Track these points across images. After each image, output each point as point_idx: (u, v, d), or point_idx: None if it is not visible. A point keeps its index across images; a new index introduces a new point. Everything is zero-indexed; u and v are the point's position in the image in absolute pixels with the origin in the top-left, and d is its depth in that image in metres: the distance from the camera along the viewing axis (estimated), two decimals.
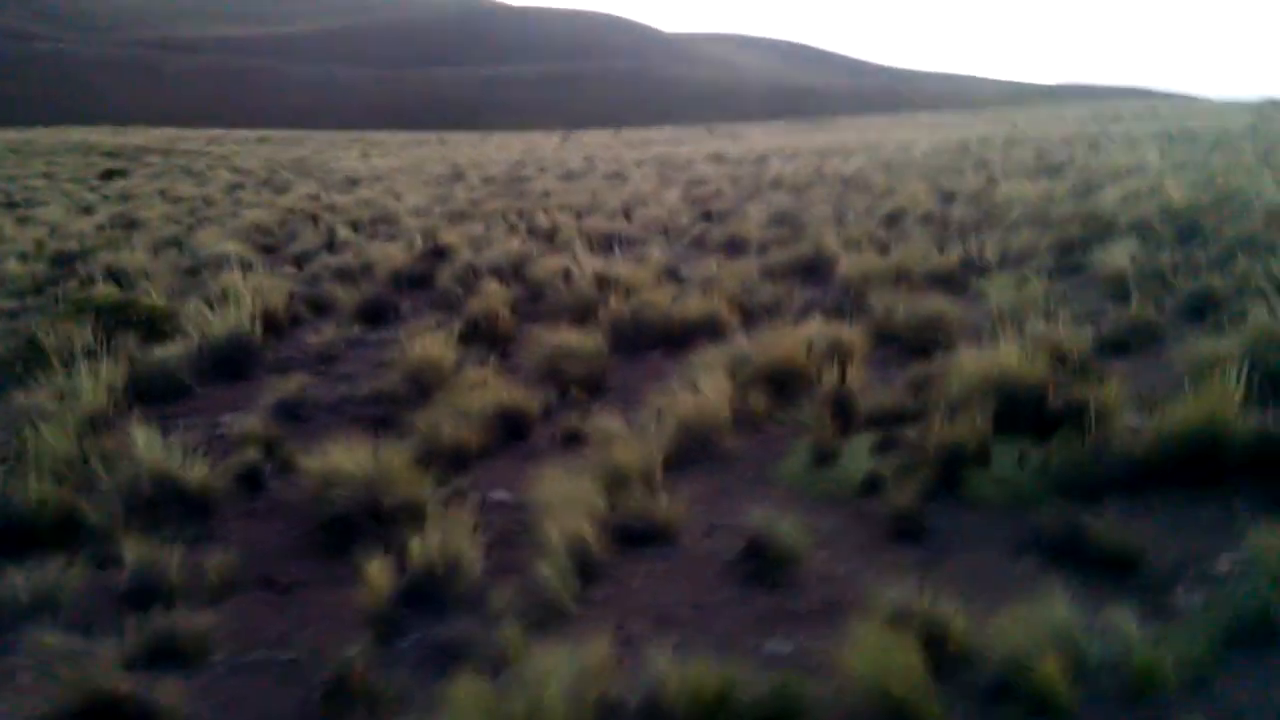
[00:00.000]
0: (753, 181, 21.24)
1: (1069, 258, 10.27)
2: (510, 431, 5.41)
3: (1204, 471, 4.55)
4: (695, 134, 63.66)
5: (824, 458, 4.91)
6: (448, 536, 3.57)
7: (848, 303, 8.25)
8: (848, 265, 9.09)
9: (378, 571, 3.39)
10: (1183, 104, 73.05)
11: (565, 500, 4.02)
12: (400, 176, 29.44)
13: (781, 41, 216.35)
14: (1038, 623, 3.13)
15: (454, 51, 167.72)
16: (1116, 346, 6.82)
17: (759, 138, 51.33)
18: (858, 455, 4.93)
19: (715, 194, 18.59)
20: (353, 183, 26.46)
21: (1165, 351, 6.60)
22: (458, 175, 28.32)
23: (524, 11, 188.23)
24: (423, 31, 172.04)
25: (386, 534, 3.85)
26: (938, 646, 3.12)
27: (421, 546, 3.53)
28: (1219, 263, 9.17)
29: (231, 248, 12.26)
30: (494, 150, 47.97)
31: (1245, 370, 5.62)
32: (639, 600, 3.62)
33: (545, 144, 55.10)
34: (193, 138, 63.66)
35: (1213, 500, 4.41)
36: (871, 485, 4.63)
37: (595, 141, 57.30)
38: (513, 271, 9.97)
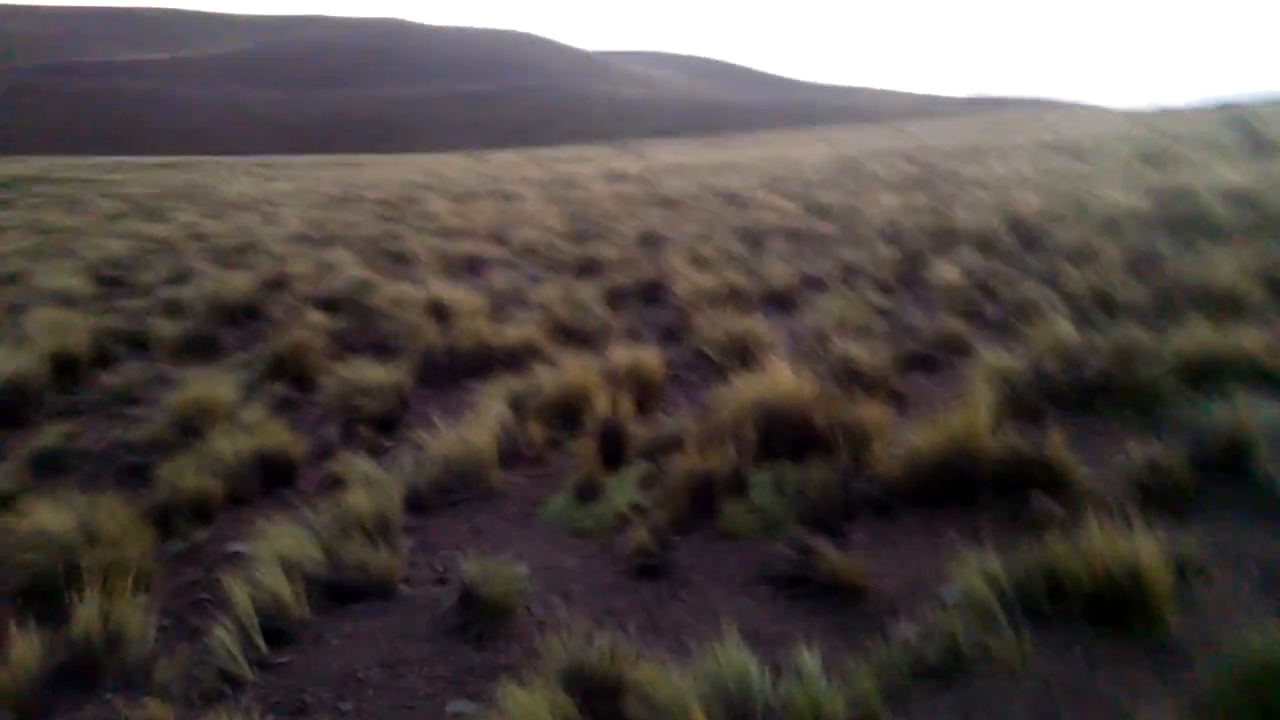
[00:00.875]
0: (641, 199, 21.23)
1: (914, 270, 10.35)
2: (274, 477, 5.18)
3: (957, 491, 4.53)
4: (605, 152, 63.78)
5: (589, 492, 4.78)
6: (119, 602, 3.35)
7: (674, 325, 8.19)
8: (685, 286, 9.01)
9: (25, 646, 3.15)
10: (1080, 113, 75.21)
11: (279, 554, 3.82)
12: (292, 201, 28.85)
13: (700, 58, 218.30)
14: (717, 667, 3.03)
15: (368, 72, 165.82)
16: (923, 361, 6.84)
17: (666, 155, 51.60)
18: (624, 488, 4.82)
19: (598, 214, 18.49)
20: (236, 209, 25.83)
21: (969, 366, 6.63)
22: (350, 198, 27.85)
23: (442, 31, 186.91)
24: (335, 52, 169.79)
25: (76, 600, 3.61)
26: (611, 700, 3.00)
27: (92, 613, 3.30)
28: (1046, 274, 9.32)
29: (71, 282, 11.79)
30: (399, 172, 47.41)
31: (1021, 384, 5.72)
32: (332, 662, 3.43)
33: (455, 165, 54.64)
34: (90, 165, 61.85)
35: (961, 521, 4.38)
36: (627, 520, 4.51)
37: (505, 161, 57.06)
38: (351, 301, 9.71)
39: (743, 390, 5.19)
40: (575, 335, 7.76)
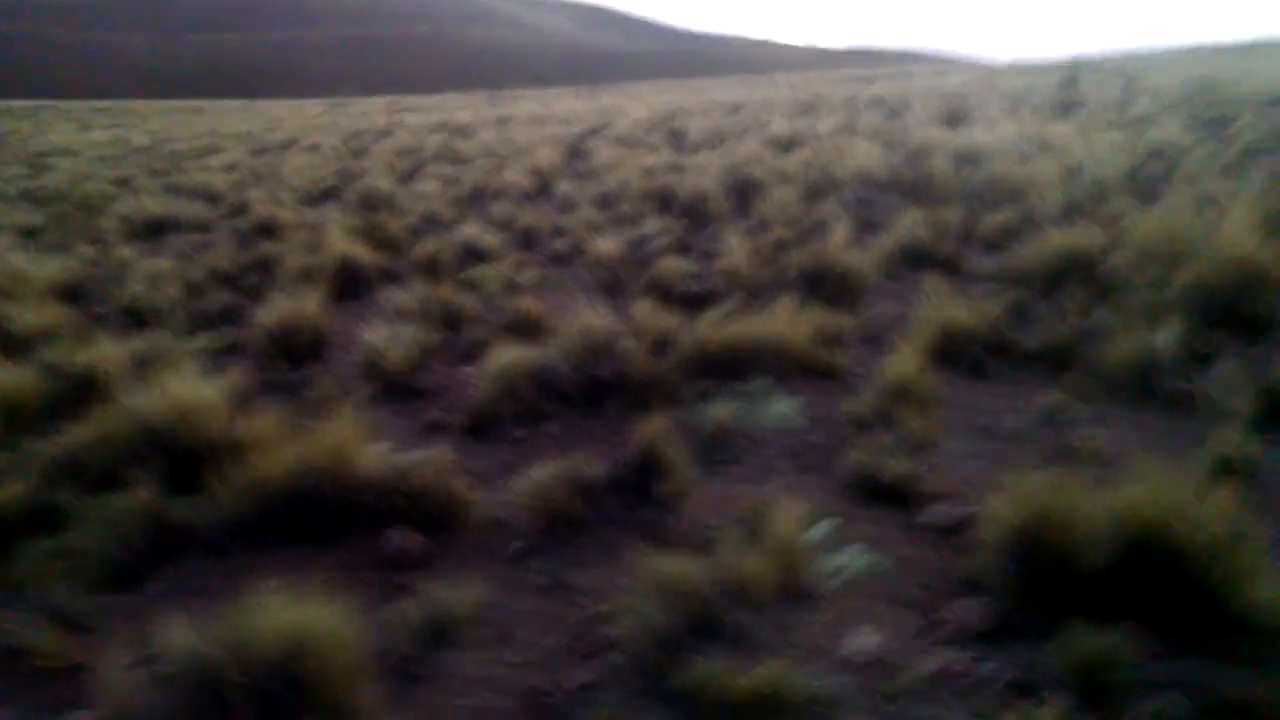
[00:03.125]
0: (432, 154, 20.23)
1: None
2: None
3: (321, 523, 3.85)
4: (470, 101, 62.01)
5: None
6: None
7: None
8: (301, 261, 8.19)
9: None
10: (943, 69, 75.83)
11: None
12: (88, 151, 26.99)
13: (590, 5, 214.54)
14: None
15: (245, 15, 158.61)
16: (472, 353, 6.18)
17: (523, 105, 50.21)
18: None
19: (367, 170, 17.47)
20: (19, 160, 23.99)
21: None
22: (139, 150, 26.17)
23: None
24: None
25: None
26: None
27: None
28: (707, 248, 8.80)
29: None
30: (235, 122, 45.13)
31: (523, 380, 5.09)
32: None
33: (306, 114, 52.33)
34: None
35: (312, 563, 3.71)
36: None
37: (362, 110, 54.95)
38: None
39: (144, 401, 4.40)
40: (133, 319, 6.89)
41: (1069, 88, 28.84)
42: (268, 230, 10.25)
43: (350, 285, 7.47)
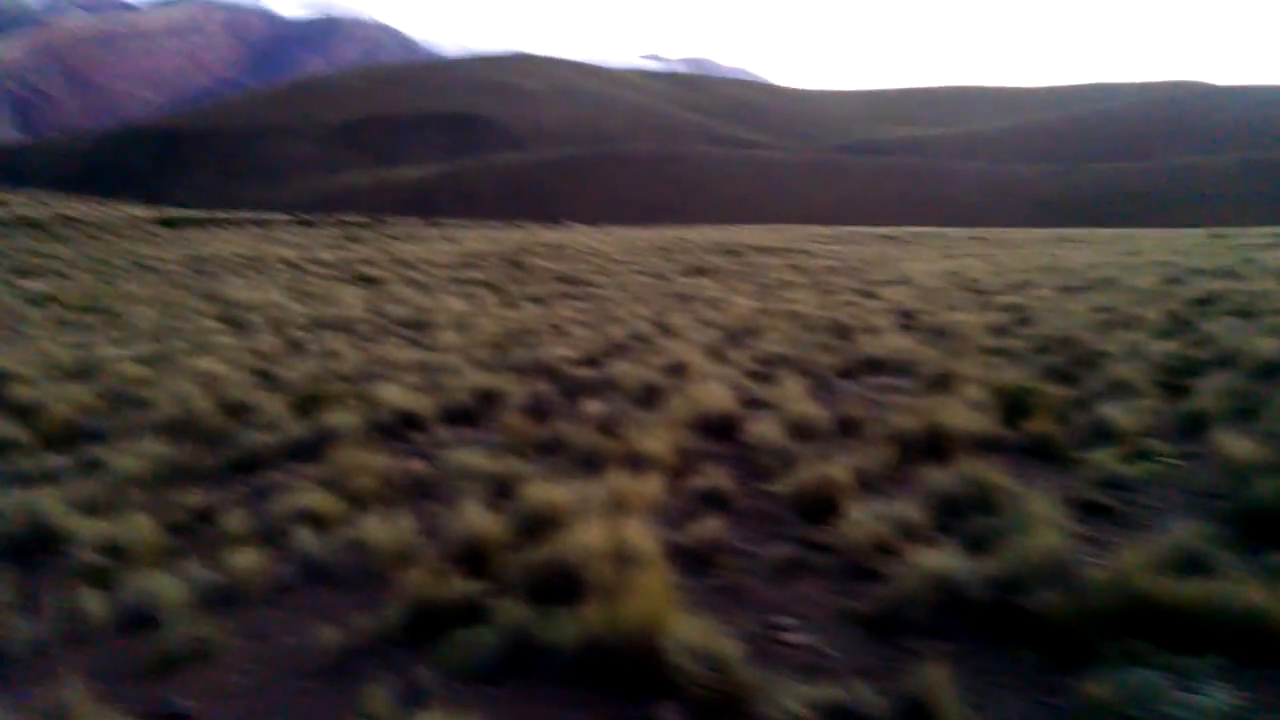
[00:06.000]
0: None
1: None
2: None
3: None
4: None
5: None
6: None
7: None
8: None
9: None
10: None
11: None
12: (916, 281, 22.48)
13: None
14: None
15: (1150, 141, 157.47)
16: None
17: None
18: None
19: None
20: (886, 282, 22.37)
21: None
22: (959, 283, 22.19)
23: (1237, 92, 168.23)
24: (1114, 123, 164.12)
25: None
26: None
27: None
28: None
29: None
30: (1100, 253, 37.86)
31: None
32: None
33: (1176, 245, 43.37)
34: (815, 235, 67.38)
35: None
36: None
37: (1236, 242, 46.91)
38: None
39: None
40: None
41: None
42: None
43: None
